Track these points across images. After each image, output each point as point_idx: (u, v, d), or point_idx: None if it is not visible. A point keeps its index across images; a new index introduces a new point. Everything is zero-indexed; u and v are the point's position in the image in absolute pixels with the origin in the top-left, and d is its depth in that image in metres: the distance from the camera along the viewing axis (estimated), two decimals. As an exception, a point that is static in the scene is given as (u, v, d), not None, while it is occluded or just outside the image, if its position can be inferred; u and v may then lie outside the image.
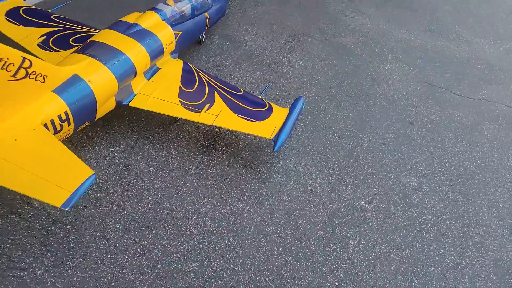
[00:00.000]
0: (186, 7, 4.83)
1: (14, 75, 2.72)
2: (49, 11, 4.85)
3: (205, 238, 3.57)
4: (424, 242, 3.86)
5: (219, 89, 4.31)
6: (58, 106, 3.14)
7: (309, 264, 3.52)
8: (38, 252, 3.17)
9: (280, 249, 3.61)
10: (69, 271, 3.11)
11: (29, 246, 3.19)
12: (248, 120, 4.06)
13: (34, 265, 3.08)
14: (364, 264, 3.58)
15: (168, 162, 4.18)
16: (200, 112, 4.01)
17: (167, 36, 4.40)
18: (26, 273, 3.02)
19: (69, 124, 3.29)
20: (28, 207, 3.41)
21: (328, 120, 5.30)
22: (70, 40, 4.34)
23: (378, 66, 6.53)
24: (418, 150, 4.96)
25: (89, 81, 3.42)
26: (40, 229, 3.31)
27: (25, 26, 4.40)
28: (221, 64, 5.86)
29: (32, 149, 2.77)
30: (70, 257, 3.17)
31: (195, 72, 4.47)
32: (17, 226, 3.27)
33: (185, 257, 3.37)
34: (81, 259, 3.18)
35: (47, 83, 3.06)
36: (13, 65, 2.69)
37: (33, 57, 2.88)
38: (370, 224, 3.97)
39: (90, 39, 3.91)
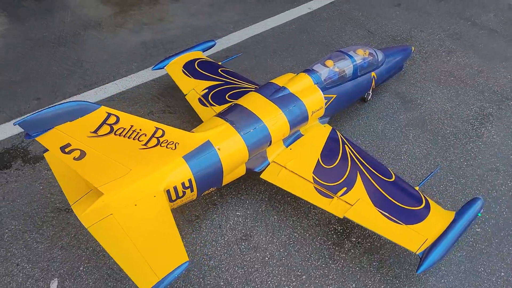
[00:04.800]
0: (347, 68, 4.44)
1: (145, 144, 2.94)
2: (220, 63, 5.28)
3: None
4: None
5: (364, 171, 3.70)
6: (183, 173, 3.25)
7: None
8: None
9: None
10: None
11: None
12: (391, 219, 3.31)
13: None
14: None
15: (289, 242, 3.83)
16: (333, 197, 3.50)
17: (315, 102, 4.11)
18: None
19: (192, 190, 3.36)
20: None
21: (522, 233, 3.88)
22: (227, 95, 4.57)
23: None
24: None
25: (218, 149, 3.44)
26: None
27: (194, 78, 4.90)
28: (384, 129, 5.15)
29: (145, 219, 2.91)
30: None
31: (341, 144, 3.99)
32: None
33: None
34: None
35: (178, 149, 3.21)
36: (145, 135, 2.91)
37: (166, 126, 3.06)
38: None
39: (235, 101, 3.98)
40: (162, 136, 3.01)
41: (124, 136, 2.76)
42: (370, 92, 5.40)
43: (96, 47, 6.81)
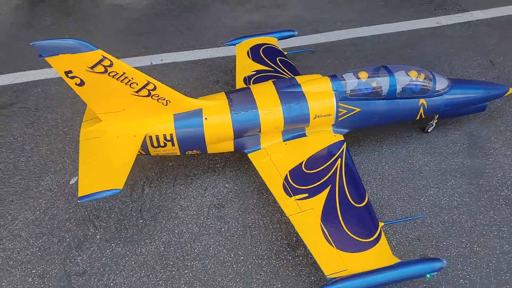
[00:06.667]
0: (383, 85, 4.21)
1: (137, 92, 3.63)
2: (285, 53, 5.58)
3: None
4: None
5: (337, 188, 3.64)
6: (167, 127, 3.88)
7: None
8: (111, 224, 4.17)
9: None
10: (107, 250, 3.92)
11: (113, 215, 4.24)
12: (326, 238, 3.27)
13: (101, 230, 4.10)
14: None
15: (251, 225, 4.10)
16: (292, 197, 3.60)
17: (322, 107, 4.10)
18: (91, 231, 4.07)
19: (173, 145, 3.95)
20: (141, 192, 4.47)
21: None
22: (267, 82, 4.90)
23: None
24: None
25: (205, 119, 3.91)
26: (129, 209, 4.30)
27: (252, 60, 5.36)
28: (424, 166, 4.69)
29: (116, 149, 3.66)
30: (118, 243, 3.97)
31: (336, 157, 3.94)
32: (124, 198, 4.37)
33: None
34: (120, 249, 3.90)
35: (170, 106, 3.83)
36: (137, 84, 3.59)
37: (159, 83, 3.69)
38: None
39: (250, 85, 4.32)
40: (153, 90, 3.66)
41: (117, 79, 3.50)
42: (433, 124, 4.92)
43: (211, 17, 7.84)
